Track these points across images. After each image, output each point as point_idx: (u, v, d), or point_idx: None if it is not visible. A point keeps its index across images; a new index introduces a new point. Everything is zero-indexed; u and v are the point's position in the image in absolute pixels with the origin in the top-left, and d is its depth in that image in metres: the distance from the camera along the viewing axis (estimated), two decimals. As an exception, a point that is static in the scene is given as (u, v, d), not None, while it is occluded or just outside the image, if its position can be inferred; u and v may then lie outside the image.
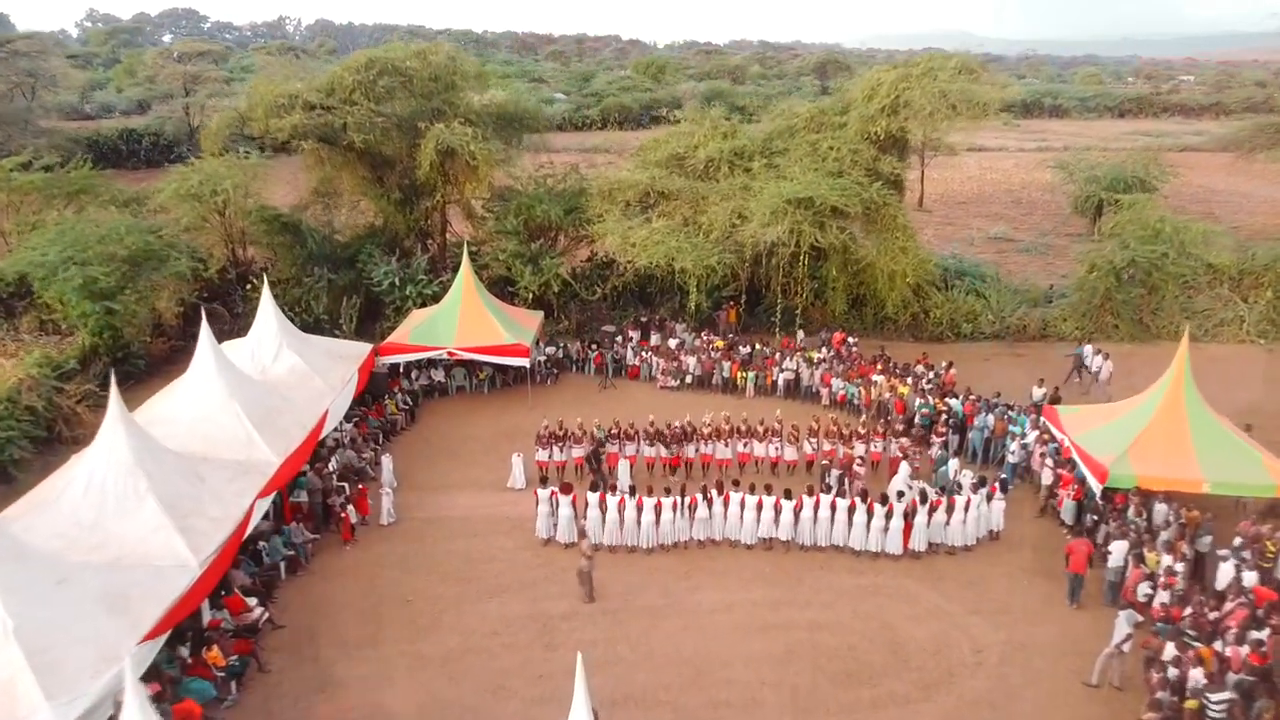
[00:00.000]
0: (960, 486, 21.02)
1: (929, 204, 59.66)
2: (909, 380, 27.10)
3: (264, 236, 33.72)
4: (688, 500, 20.05)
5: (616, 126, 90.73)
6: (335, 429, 24.26)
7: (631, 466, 23.01)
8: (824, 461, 22.65)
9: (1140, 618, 16.65)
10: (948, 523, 20.10)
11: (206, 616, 16.49)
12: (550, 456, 23.21)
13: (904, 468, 21.63)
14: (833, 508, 20.02)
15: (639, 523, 19.91)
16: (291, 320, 28.19)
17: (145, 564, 15.42)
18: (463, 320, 28.02)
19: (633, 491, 20.24)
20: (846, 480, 21.54)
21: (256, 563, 18.75)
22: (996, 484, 20.84)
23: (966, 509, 20.06)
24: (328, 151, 33.49)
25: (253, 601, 17.34)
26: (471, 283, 28.84)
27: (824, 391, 28.47)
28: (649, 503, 19.82)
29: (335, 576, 19.29)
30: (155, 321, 31.04)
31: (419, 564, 19.72)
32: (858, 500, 19.96)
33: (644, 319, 33.65)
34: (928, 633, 17.52)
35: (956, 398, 25.92)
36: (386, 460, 23.02)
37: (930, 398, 25.70)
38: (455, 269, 30.10)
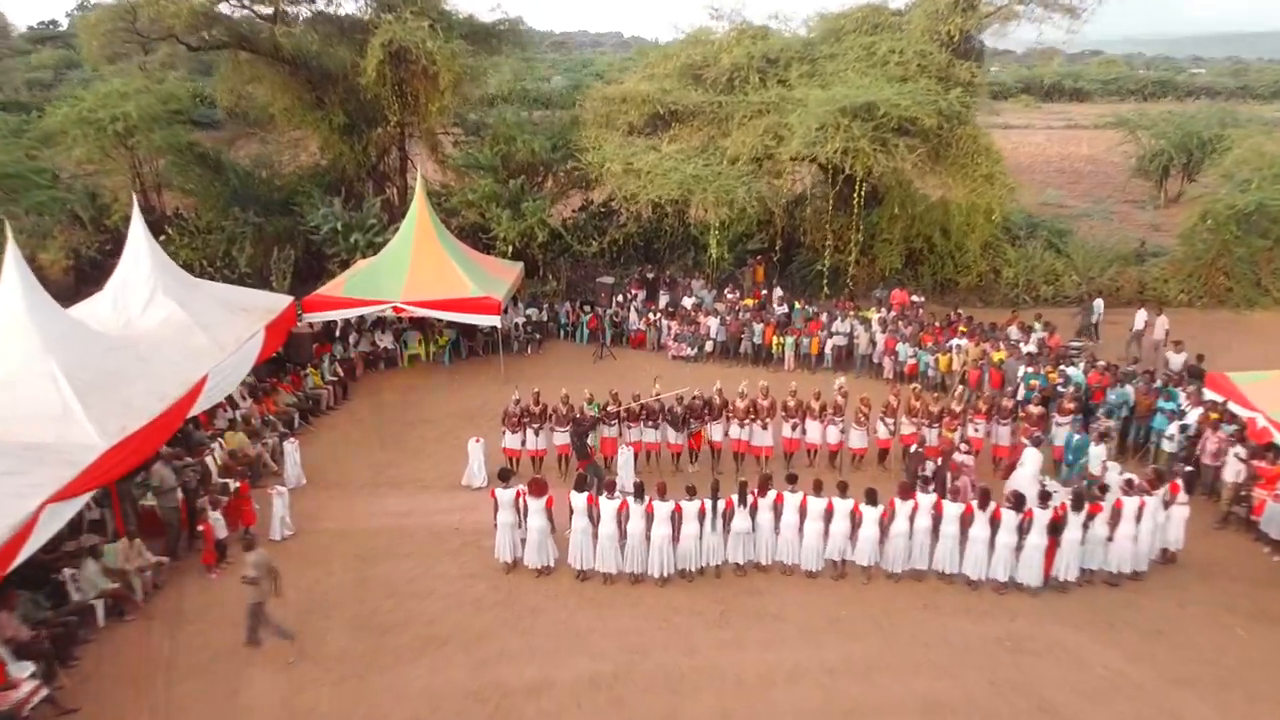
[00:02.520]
0: (1106, 487, 14.36)
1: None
2: (1004, 345, 20.40)
3: (177, 173, 27.01)
4: (720, 505, 13.36)
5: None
6: (231, 405, 17.63)
7: (636, 457, 16.37)
8: (914, 448, 15.83)
9: None
10: (1109, 538, 13.41)
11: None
12: (523, 443, 16.57)
13: (1032, 457, 14.91)
14: (938, 516, 13.33)
15: (647, 538, 13.27)
16: (212, 279, 21.79)
17: None
18: (415, 267, 21.38)
19: (639, 493, 13.53)
20: (949, 475, 14.86)
21: (54, 602, 12.09)
22: (1179, 481, 14.08)
23: (1139, 518, 13.36)
24: (250, 61, 26.74)
25: (23, 670, 10.66)
26: (428, 221, 22.21)
27: (887, 362, 21.79)
28: (662, 509, 13.13)
29: (183, 622, 12.61)
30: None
31: (317, 601, 13.05)
32: (974, 505, 13.30)
33: (650, 274, 26.90)
34: (1118, 721, 10.86)
35: (1074, 364, 19.22)
36: (290, 449, 16.34)
37: (1040, 366, 18.99)
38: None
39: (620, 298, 25.03)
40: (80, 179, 27.85)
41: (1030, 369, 18.90)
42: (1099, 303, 25.30)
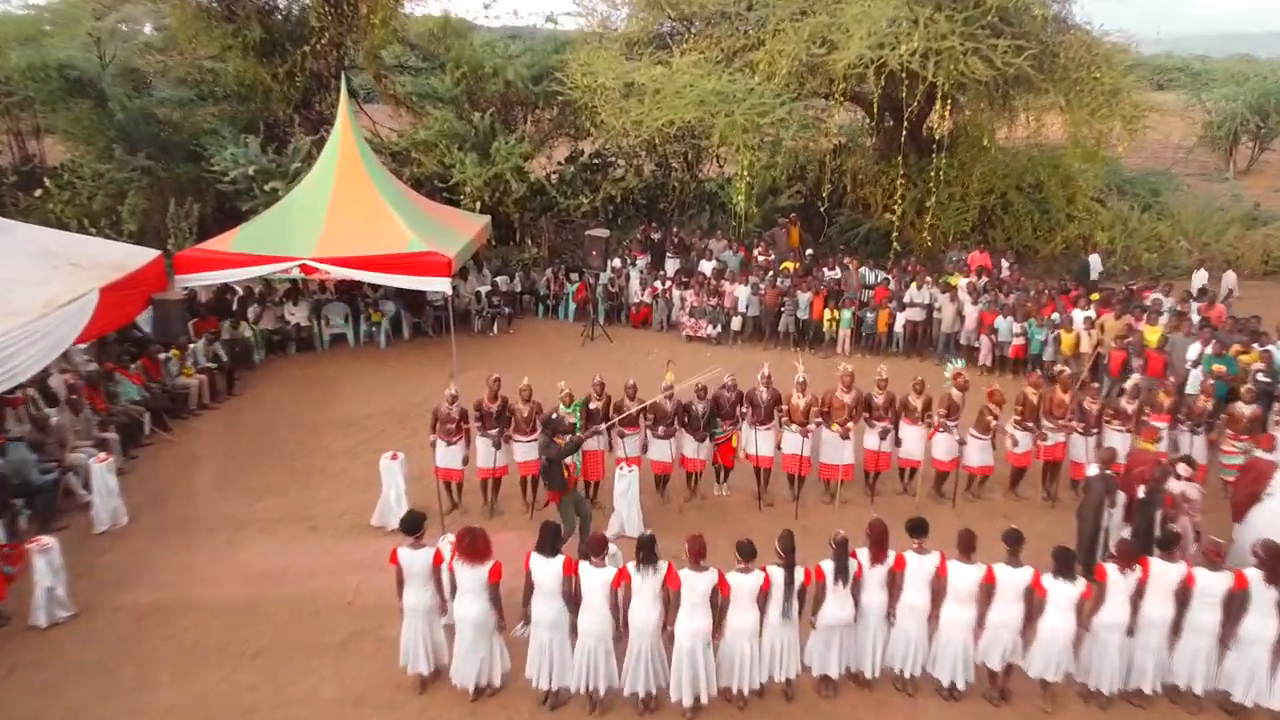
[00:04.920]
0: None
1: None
2: (1155, 318, 14.55)
3: (45, 106, 21.07)
4: (798, 576, 7.45)
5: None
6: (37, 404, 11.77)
7: (652, 477, 10.59)
8: (1099, 469, 9.72)
9: None
10: None
11: None
12: (463, 460, 10.66)
13: (1293, 485, 9.08)
14: (1184, 594, 7.48)
15: (665, 635, 7.40)
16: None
17: None
18: (335, 213, 15.53)
19: (648, 553, 7.52)
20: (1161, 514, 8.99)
21: None
22: None
23: None
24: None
25: None
26: (354, 151, 16.33)
27: (984, 342, 15.93)
28: (696, 584, 7.24)
29: None
30: None
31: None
32: (1214, 570, 7.50)
33: (656, 235, 20.98)
34: None
35: (1274, 342, 13.41)
36: (100, 471, 10.42)
37: (1224, 347, 13.14)
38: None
39: (618, 261, 19.11)
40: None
41: (1211, 351, 13.06)
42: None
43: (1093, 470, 9.57)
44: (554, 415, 9.78)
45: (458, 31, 24.03)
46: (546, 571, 7.35)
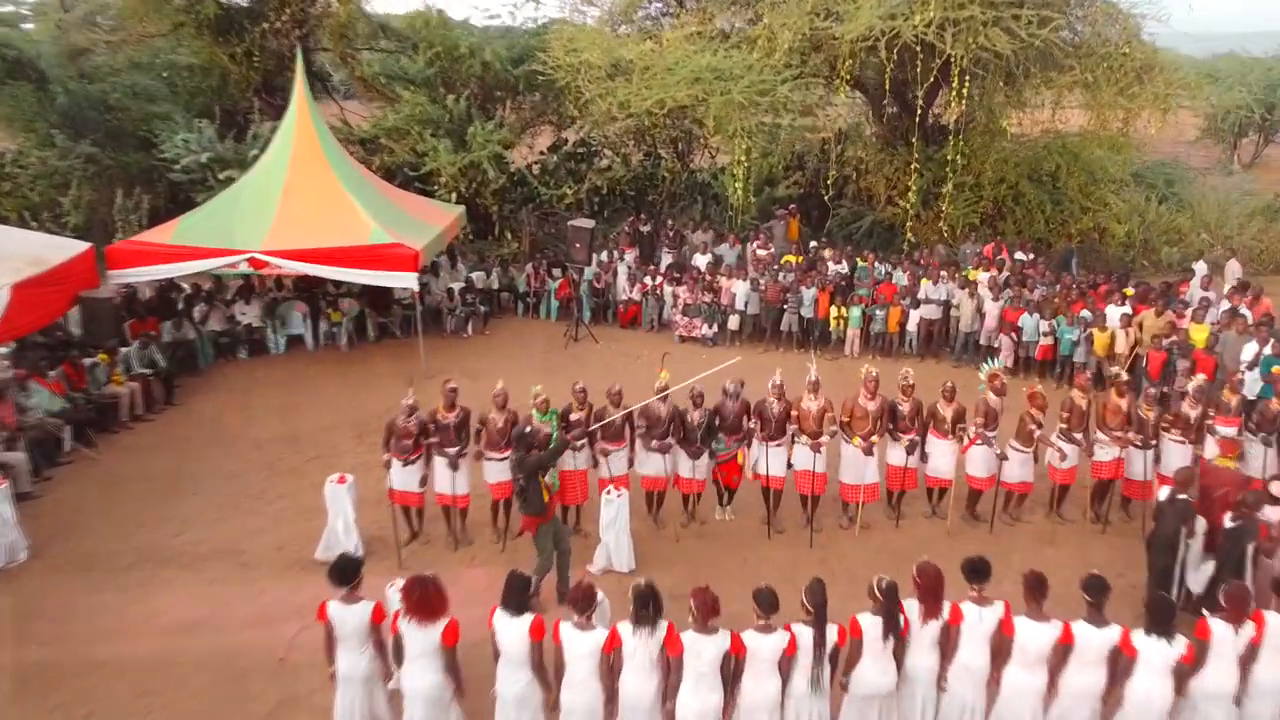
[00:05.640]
0: None
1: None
2: (1202, 315, 13.16)
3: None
4: (830, 639, 5.93)
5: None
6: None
7: (648, 496, 9.16)
8: (1180, 496, 8.11)
9: None
10: None
11: None
12: (421, 482, 9.10)
13: None
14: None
15: (661, 706, 5.85)
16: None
17: None
18: (289, 201, 14.01)
19: (647, 608, 5.98)
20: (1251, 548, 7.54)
21: None
22: None
23: None
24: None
25: None
26: (311, 133, 14.79)
27: (1005, 342, 14.50)
28: (704, 650, 5.72)
29: None
30: None
31: None
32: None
33: (645, 227, 19.47)
34: None
35: (1336, 342, 12.03)
36: (-9, 496, 8.84)
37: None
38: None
39: (604, 256, 17.58)
40: None
41: (1269, 349, 11.66)
42: (1234, 264, 18.00)
43: (1164, 493, 8.11)
44: (527, 429, 8.25)
45: (440, 25, 22.39)
46: (512, 634, 5.83)
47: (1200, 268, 17.28)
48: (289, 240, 13.45)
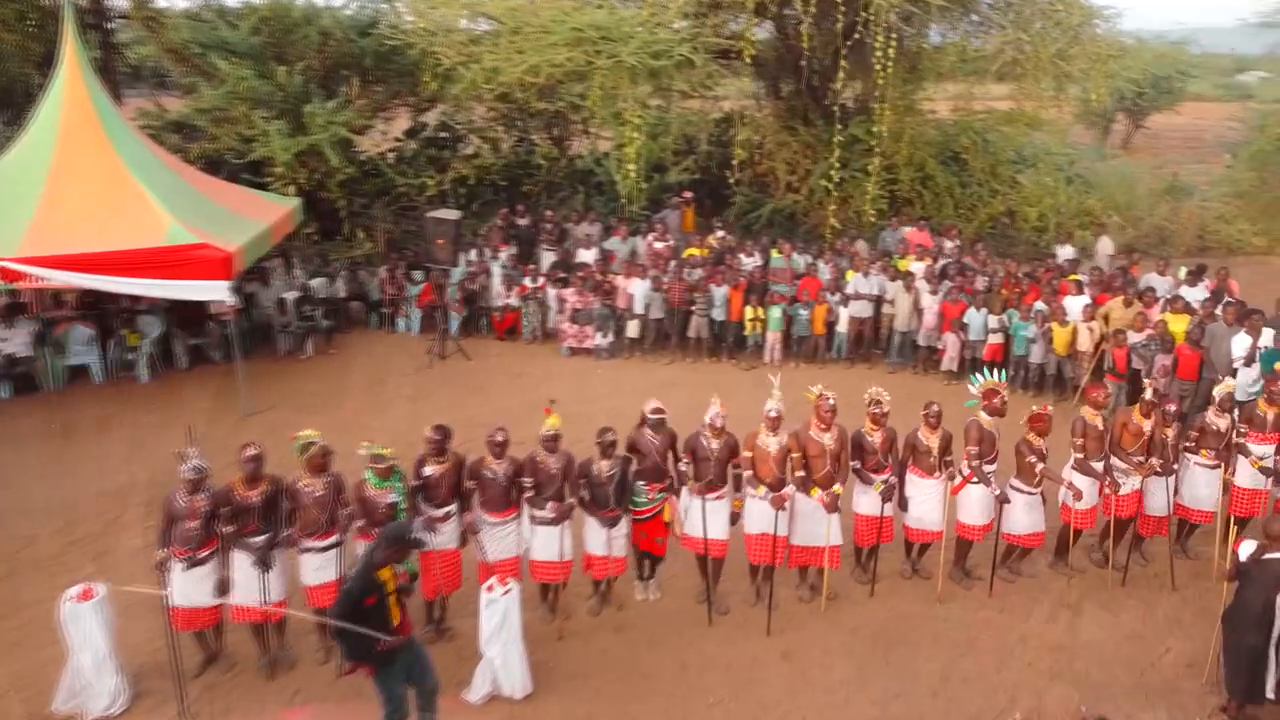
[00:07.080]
0: None
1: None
2: (1179, 305, 11.41)
3: None
4: None
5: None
6: None
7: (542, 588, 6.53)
8: (1272, 555, 5.96)
9: None
10: None
11: None
12: (221, 589, 6.18)
13: None
14: None
15: None
16: None
17: None
18: (55, 191, 10.69)
19: None
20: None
21: None
22: None
23: None
24: None
25: None
26: (86, 103, 11.44)
27: (949, 341, 12.46)
28: None
29: None
30: None
31: None
32: None
33: (522, 221, 16.71)
34: None
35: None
36: None
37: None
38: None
39: (474, 255, 14.74)
40: None
41: (1269, 346, 9.93)
42: (1105, 240, 17.16)
43: (1247, 549, 6.01)
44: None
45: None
46: None
47: (1105, 245, 16.14)
48: (54, 243, 10.17)
